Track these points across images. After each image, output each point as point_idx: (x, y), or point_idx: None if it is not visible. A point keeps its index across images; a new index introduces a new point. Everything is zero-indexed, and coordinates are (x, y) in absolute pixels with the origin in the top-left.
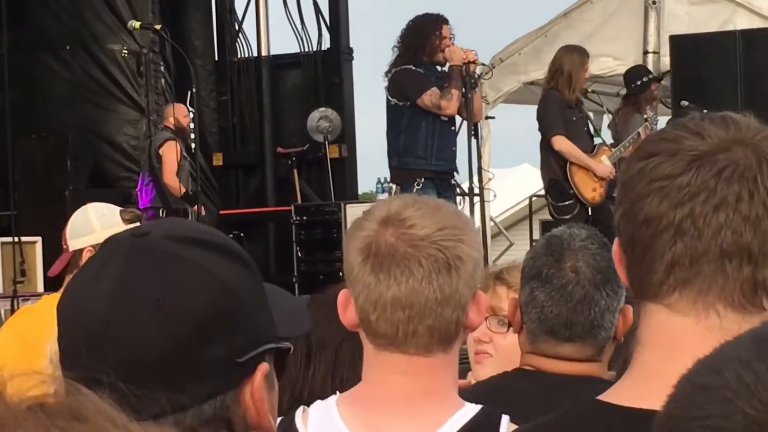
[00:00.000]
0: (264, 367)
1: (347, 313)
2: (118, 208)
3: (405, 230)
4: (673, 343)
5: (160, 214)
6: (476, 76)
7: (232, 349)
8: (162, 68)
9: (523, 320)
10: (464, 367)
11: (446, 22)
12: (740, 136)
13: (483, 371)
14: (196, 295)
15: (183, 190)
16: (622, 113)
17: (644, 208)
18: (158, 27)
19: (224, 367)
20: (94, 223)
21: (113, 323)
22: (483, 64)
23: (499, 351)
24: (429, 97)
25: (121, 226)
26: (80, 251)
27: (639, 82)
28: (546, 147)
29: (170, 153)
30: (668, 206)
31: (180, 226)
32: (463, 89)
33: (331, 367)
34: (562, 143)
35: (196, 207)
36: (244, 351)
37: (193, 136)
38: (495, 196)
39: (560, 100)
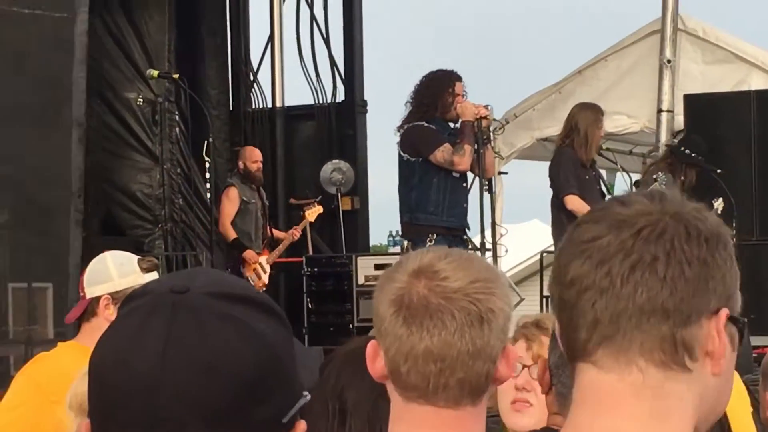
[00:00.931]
0: (302, 426)
1: (376, 365)
2: (136, 257)
3: (438, 282)
4: (601, 400)
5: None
6: (488, 131)
7: (277, 409)
8: (177, 117)
9: (552, 382)
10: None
11: (459, 79)
12: (665, 205)
13: (522, 421)
14: (245, 356)
15: (232, 237)
16: (653, 172)
17: (570, 270)
18: (176, 76)
19: (270, 428)
20: (111, 272)
21: (164, 386)
22: (495, 120)
23: (541, 401)
24: (441, 154)
25: (138, 275)
26: (97, 299)
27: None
28: (558, 205)
29: (225, 200)
30: (590, 266)
31: (217, 281)
32: (476, 145)
33: (366, 426)
34: (575, 203)
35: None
36: (286, 410)
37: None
38: (507, 251)
39: (574, 159)
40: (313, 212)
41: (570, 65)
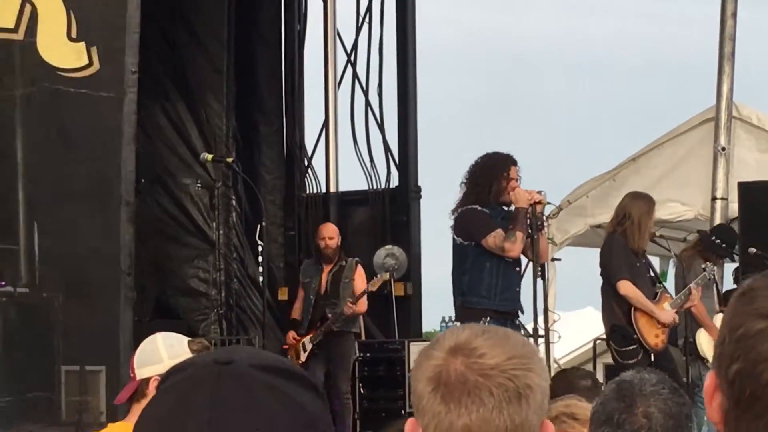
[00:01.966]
0: None
1: None
2: (186, 339)
3: (475, 359)
4: None
5: None
6: (542, 217)
7: None
8: (233, 202)
9: None
10: None
11: (515, 163)
12: None
13: None
14: (290, 426)
15: (290, 317)
16: (686, 257)
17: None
18: (230, 160)
19: None
20: (162, 353)
21: None
22: (549, 203)
23: None
24: (493, 239)
25: (188, 357)
26: (147, 380)
27: (722, 245)
28: (609, 291)
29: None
30: None
31: (257, 355)
32: (528, 231)
33: None
34: (628, 288)
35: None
36: None
37: (261, 269)
38: (560, 337)
39: (625, 246)
40: (376, 282)
41: (624, 153)
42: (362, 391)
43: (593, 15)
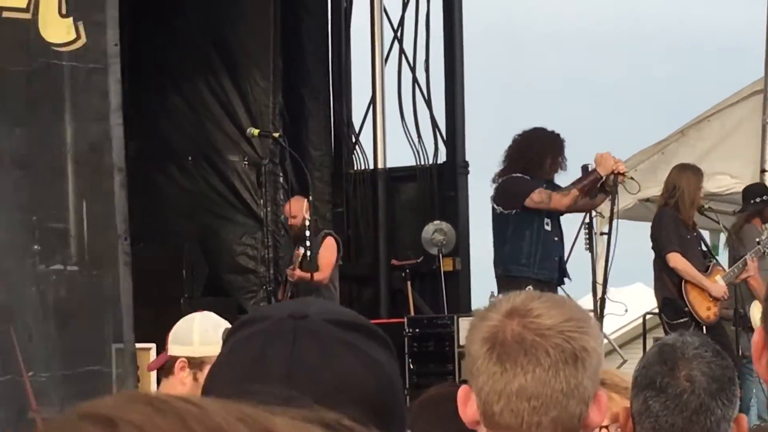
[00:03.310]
0: None
1: (467, 409)
2: (225, 326)
3: (532, 319)
4: None
5: None
6: (616, 188)
7: None
8: (281, 179)
9: (635, 430)
10: None
11: (564, 148)
12: None
13: None
14: (368, 381)
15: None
16: (737, 230)
17: None
18: (276, 135)
19: None
20: (194, 336)
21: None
22: (632, 179)
23: None
24: (538, 194)
25: (218, 347)
26: (175, 359)
27: (758, 200)
28: (660, 264)
29: None
30: None
31: (330, 309)
32: (587, 197)
33: None
34: (677, 261)
35: None
36: None
37: (308, 243)
38: (626, 310)
39: (675, 218)
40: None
41: (672, 125)
42: (412, 367)
43: None
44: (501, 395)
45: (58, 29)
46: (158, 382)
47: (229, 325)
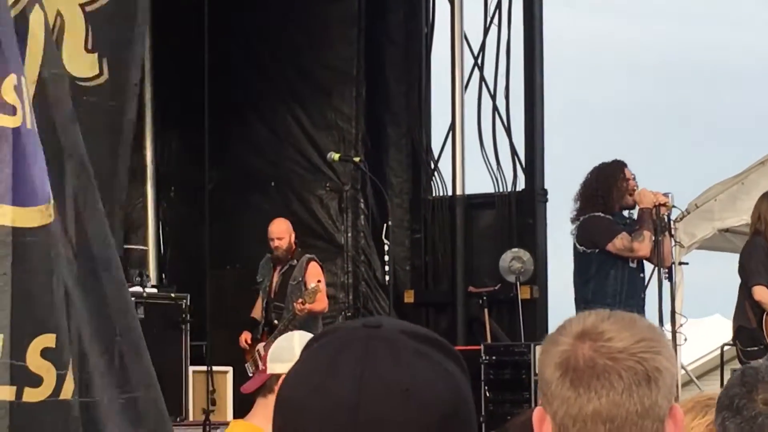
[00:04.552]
0: None
1: (543, 431)
2: None
3: (603, 343)
4: None
5: None
6: (666, 219)
7: None
8: (362, 205)
9: None
10: None
11: (625, 165)
12: None
13: None
14: (439, 389)
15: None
16: None
17: None
18: (357, 159)
19: None
20: (296, 352)
21: (363, 408)
22: (675, 207)
23: None
24: (621, 241)
25: None
26: (277, 376)
27: None
28: (745, 293)
29: None
30: None
31: (404, 323)
32: (654, 232)
33: None
34: (762, 294)
35: None
36: None
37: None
38: (686, 339)
39: (765, 248)
40: (310, 294)
41: (753, 156)
42: (488, 395)
43: (721, 24)
44: (576, 420)
45: (82, 63)
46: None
47: None
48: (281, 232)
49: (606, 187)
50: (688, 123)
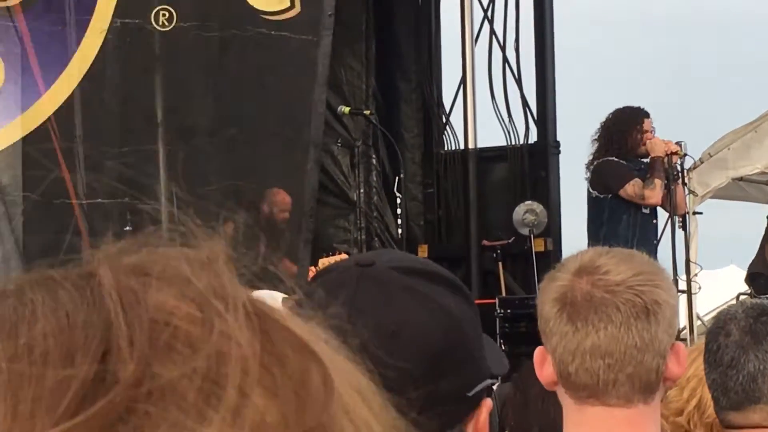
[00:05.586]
0: (488, 403)
1: (544, 370)
2: (281, 297)
3: (600, 276)
4: None
5: None
6: (678, 168)
7: (462, 383)
8: (374, 160)
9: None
10: None
11: (647, 115)
12: None
13: None
14: (430, 328)
15: None
16: None
17: None
18: (367, 112)
19: (455, 401)
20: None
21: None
22: (687, 155)
23: None
24: (632, 187)
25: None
26: None
27: None
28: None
29: None
30: None
31: (402, 257)
32: (666, 180)
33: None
34: None
35: None
36: (472, 385)
37: (399, 222)
38: (700, 288)
39: None
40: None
41: (766, 103)
42: (504, 348)
43: None
44: (575, 355)
45: None
46: None
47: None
48: (288, 203)
49: (621, 132)
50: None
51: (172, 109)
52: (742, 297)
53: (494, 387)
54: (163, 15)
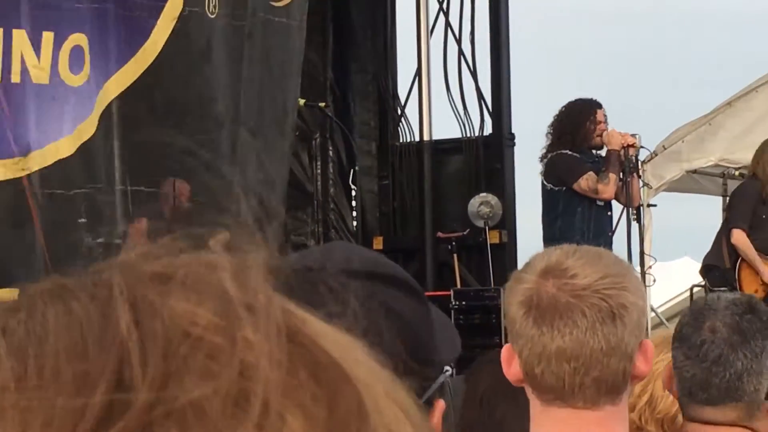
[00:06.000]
0: (441, 405)
1: (511, 369)
2: None
3: (566, 280)
4: None
5: None
6: (634, 160)
7: (415, 390)
8: (330, 152)
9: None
10: None
11: (600, 106)
12: None
13: None
14: (383, 336)
15: None
16: None
17: None
18: (322, 104)
19: None
20: None
21: None
22: (643, 147)
23: None
24: (586, 182)
25: None
26: None
27: None
28: (725, 232)
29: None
30: None
31: (354, 257)
32: (621, 174)
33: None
34: (739, 238)
35: None
36: (424, 390)
37: (355, 214)
38: (655, 280)
39: (758, 193)
40: None
41: (720, 97)
42: None
43: None
44: (541, 358)
45: None
46: None
47: None
48: (188, 191)
49: (574, 125)
50: (658, 65)
51: (217, 99)
52: (696, 289)
53: (449, 380)
54: (212, 3)
